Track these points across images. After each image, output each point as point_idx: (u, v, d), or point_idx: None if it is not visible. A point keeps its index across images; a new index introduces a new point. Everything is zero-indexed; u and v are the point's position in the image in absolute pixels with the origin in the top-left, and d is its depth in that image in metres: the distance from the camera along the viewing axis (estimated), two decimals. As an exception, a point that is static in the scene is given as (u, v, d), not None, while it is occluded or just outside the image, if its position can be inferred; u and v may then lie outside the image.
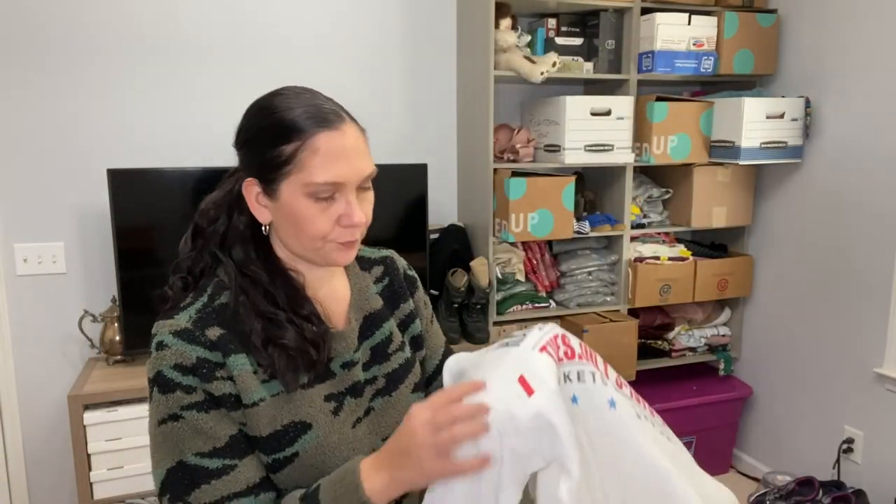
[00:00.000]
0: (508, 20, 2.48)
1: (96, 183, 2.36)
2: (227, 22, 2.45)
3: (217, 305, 0.93)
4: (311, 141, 0.89)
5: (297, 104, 0.92)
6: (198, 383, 0.88)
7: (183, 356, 0.88)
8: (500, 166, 2.53)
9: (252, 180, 0.93)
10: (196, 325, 0.90)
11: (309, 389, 0.94)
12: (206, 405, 0.88)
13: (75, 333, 2.37)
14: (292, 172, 0.89)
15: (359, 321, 1.03)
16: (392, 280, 1.12)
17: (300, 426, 0.92)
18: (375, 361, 1.02)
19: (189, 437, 0.87)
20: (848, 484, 2.48)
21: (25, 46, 2.25)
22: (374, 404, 1.01)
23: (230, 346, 0.90)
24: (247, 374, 0.90)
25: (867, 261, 2.42)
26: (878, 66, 2.34)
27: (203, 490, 0.86)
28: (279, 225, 0.94)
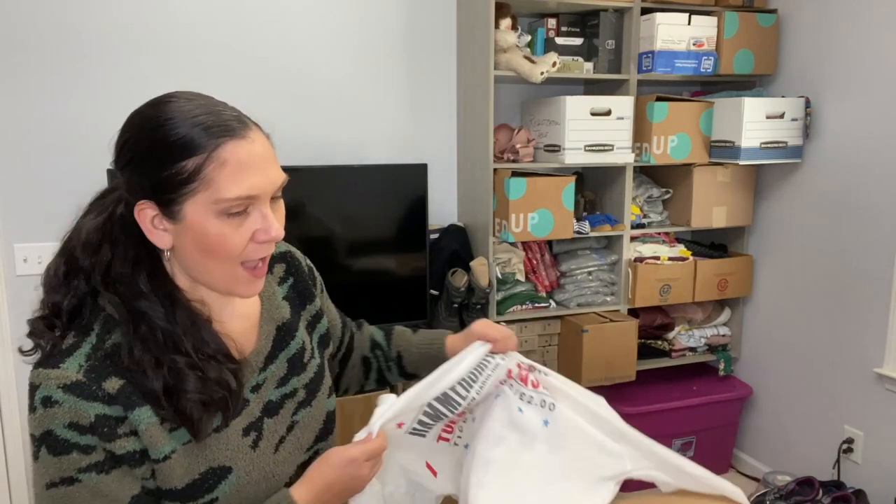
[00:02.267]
0: (508, 20, 2.48)
1: (96, 183, 2.34)
2: (227, 22, 2.45)
3: (109, 347, 0.82)
4: (217, 153, 0.80)
5: (193, 112, 0.83)
6: (97, 443, 0.79)
7: (78, 414, 0.78)
8: (500, 166, 2.53)
9: (145, 203, 0.83)
10: (89, 375, 0.79)
11: (224, 430, 0.87)
12: (106, 465, 0.79)
13: (75, 333, 2.37)
14: (198, 190, 0.80)
15: (272, 333, 0.97)
16: (297, 280, 1.04)
17: (219, 471, 0.86)
18: (293, 373, 0.97)
19: (86, 502, 0.78)
20: (848, 484, 2.48)
21: (25, 46, 2.25)
22: (298, 417, 0.96)
23: (132, 398, 0.80)
24: (153, 427, 0.81)
25: (867, 261, 2.42)
26: (878, 65, 2.34)
27: None
28: (182, 250, 0.84)
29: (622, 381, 2.64)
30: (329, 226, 2.42)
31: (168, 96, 0.86)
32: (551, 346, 2.70)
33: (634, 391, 2.81)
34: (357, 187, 2.43)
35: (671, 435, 2.83)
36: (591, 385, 2.59)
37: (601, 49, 2.61)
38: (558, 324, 2.67)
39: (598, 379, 2.59)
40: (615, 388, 2.82)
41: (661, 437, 2.99)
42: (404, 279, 2.53)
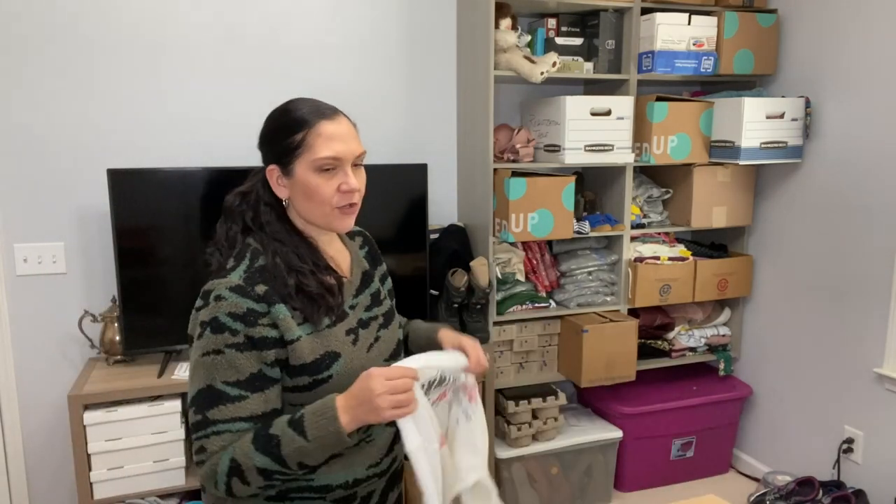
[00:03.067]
0: (508, 20, 2.48)
1: (96, 183, 2.36)
2: (226, 22, 2.45)
3: (258, 267, 1.17)
4: (315, 128, 1.19)
5: (303, 105, 1.22)
6: (242, 328, 1.12)
7: (237, 306, 1.12)
8: (500, 166, 2.53)
9: (273, 167, 1.21)
10: (246, 282, 1.15)
11: (333, 328, 1.21)
12: (243, 347, 1.12)
13: (75, 333, 2.37)
14: (303, 153, 1.18)
15: (359, 275, 1.33)
16: (370, 248, 1.44)
17: (332, 355, 1.19)
18: (374, 305, 1.33)
19: (223, 368, 1.12)
20: (848, 484, 2.48)
21: (25, 47, 2.25)
22: (380, 334, 1.31)
23: (273, 298, 1.15)
24: (287, 319, 1.15)
25: (867, 261, 2.42)
26: (877, 66, 2.34)
27: (218, 409, 1.11)
28: (295, 198, 1.21)
29: (622, 381, 2.64)
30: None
31: (292, 99, 1.26)
32: (551, 346, 2.70)
33: (634, 391, 2.82)
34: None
35: (671, 435, 2.83)
36: (592, 385, 2.60)
37: (601, 49, 2.61)
38: (558, 324, 2.67)
39: (598, 379, 2.59)
40: (615, 388, 2.82)
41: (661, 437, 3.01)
42: (404, 279, 2.53)
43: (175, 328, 2.29)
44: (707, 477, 2.96)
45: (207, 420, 1.12)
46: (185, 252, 2.27)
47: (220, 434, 1.12)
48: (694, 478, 2.94)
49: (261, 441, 1.10)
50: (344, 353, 1.21)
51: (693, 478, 2.94)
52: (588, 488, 2.73)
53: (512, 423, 2.56)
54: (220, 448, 1.11)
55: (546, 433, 2.62)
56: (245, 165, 2.43)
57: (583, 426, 2.74)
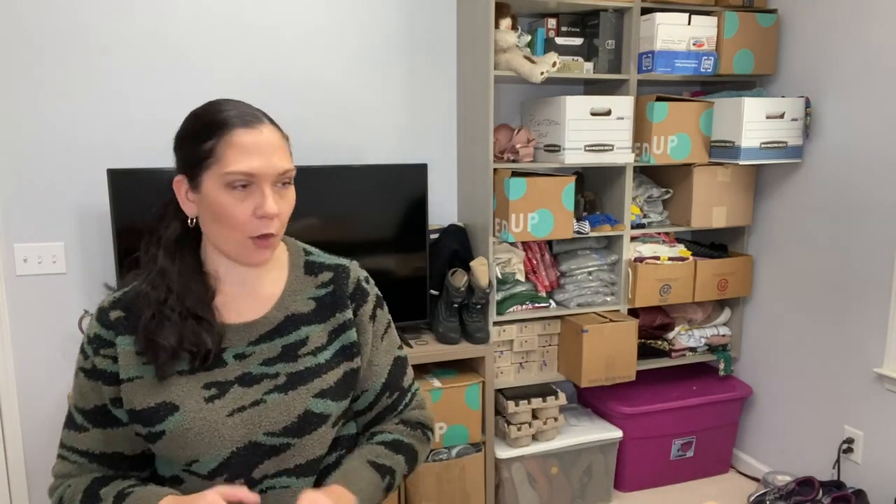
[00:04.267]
0: (508, 20, 2.48)
1: (96, 183, 2.36)
2: (226, 23, 2.45)
3: (132, 289, 1.06)
4: (229, 136, 0.99)
5: (223, 108, 1.04)
6: (91, 354, 1.04)
7: (91, 329, 1.06)
8: (500, 166, 2.53)
9: (181, 178, 1.04)
10: (112, 304, 1.06)
11: (188, 376, 1.03)
12: (89, 374, 1.05)
13: (75, 333, 2.37)
14: (212, 165, 0.99)
15: (277, 319, 1.09)
16: (336, 289, 1.14)
17: (168, 406, 1.01)
18: (282, 359, 1.07)
19: (76, 391, 1.07)
20: (848, 484, 2.48)
21: (25, 46, 2.26)
22: (267, 398, 1.04)
23: (121, 326, 1.03)
24: (129, 353, 1.02)
25: (867, 261, 2.42)
26: (878, 65, 2.34)
27: (67, 432, 1.07)
28: (204, 218, 1.04)
29: (622, 381, 2.64)
30: (329, 226, 2.42)
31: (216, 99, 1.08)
32: (551, 347, 2.70)
33: (634, 391, 2.82)
34: (357, 187, 2.43)
35: (671, 435, 2.83)
36: (592, 385, 2.60)
37: (601, 49, 2.61)
38: (558, 324, 2.67)
39: (598, 379, 2.59)
40: (615, 388, 2.82)
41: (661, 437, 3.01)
42: (404, 279, 2.53)
43: (175, 328, 2.29)
44: (707, 477, 2.97)
45: (61, 440, 1.08)
46: (185, 252, 2.27)
47: (63, 459, 1.06)
48: (694, 478, 2.94)
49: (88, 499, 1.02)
50: (184, 407, 1.00)
51: (693, 478, 2.94)
52: (588, 488, 2.74)
53: (512, 423, 2.56)
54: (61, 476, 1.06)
55: (546, 433, 2.62)
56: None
57: (583, 426, 2.74)
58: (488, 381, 2.50)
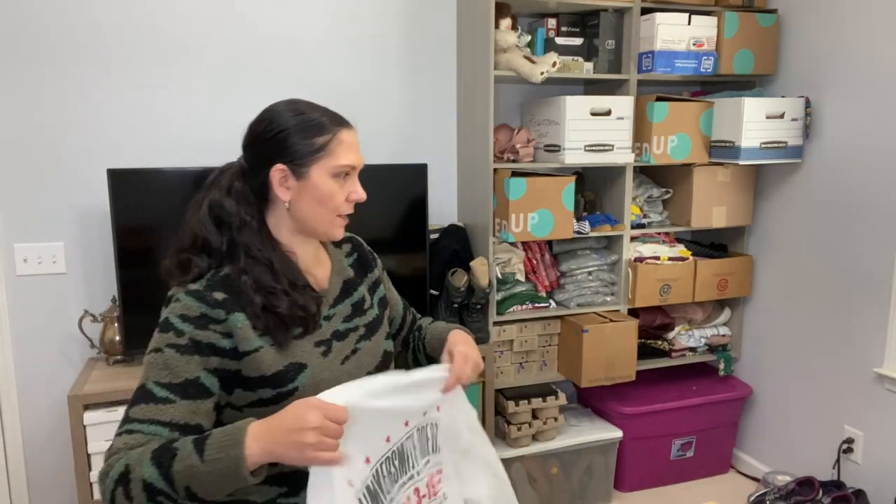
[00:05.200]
0: (508, 20, 2.48)
1: (96, 183, 2.36)
2: (226, 22, 2.45)
3: (222, 276, 1.14)
4: (340, 134, 1.19)
5: (316, 109, 1.22)
6: (190, 330, 1.09)
7: (189, 308, 1.10)
8: (500, 166, 2.53)
9: (282, 167, 1.17)
10: (206, 287, 1.12)
11: (301, 339, 1.17)
12: (184, 349, 1.08)
13: (75, 333, 2.37)
14: (323, 158, 1.17)
15: (339, 284, 1.30)
16: (360, 255, 1.40)
17: (297, 366, 1.15)
18: (356, 315, 1.29)
19: (158, 368, 1.08)
20: (848, 484, 2.48)
21: (25, 46, 2.25)
22: (359, 346, 1.27)
23: (232, 306, 1.11)
24: (246, 329, 1.11)
25: (867, 261, 2.42)
26: (878, 65, 2.34)
27: (140, 408, 1.05)
28: (301, 201, 1.18)
29: (622, 381, 2.64)
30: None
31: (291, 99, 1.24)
32: (551, 346, 2.70)
33: (634, 391, 2.82)
34: (357, 187, 2.43)
35: (671, 435, 2.83)
36: (592, 385, 2.60)
37: (601, 49, 2.61)
38: (558, 324, 2.67)
39: (598, 379, 2.59)
40: (615, 388, 2.82)
41: (661, 437, 3.01)
42: (404, 279, 2.53)
43: (175, 328, 2.29)
44: (707, 477, 2.96)
45: (127, 418, 1.06)
46: (185, 252, 2.27)
47: (131, 433, 1.03)
48: (694, 478, 2.94)
49: (159, 451, 0.99)
50: (311, 364, 1.17)
51: (693, 478, 2.94)
52: (588, 488, 2.74)
53: (512, 423, 2.56)
54: (125, 448, 1.01)
55: (546, 433, 2.62)
56: (245, 165, 2.43)
57: (583, 426, 2.74)
58: (488, 380, 2.50)
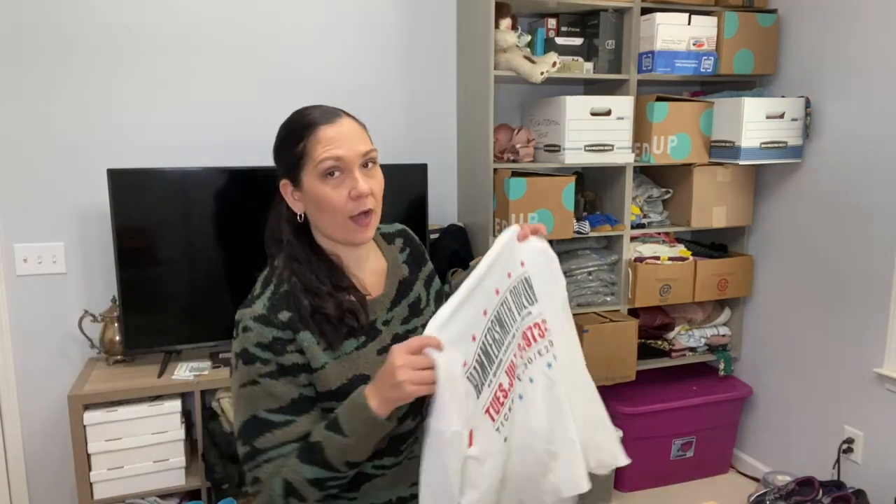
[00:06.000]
0: (508, 20, 2.48)
1: (96, 183, 2.36)
2: (226, 23, 2.45)
3: (282, 293, 1.16)
4: (315, 134, 1.13)
5: (307, 113, 1.17)
6: (272, 357, 1.11)
7: (262, 336, 1.11)
8: (500, 166, 2.53)
9: (285, 181, 1.18)
10: (270, 311, 1.13)
11: (363, 349, 1.18)
12: (276, 374, 1.11)
13: (75, 333, 2.37)
14: (307, 162, 1.14)
15: (395, 286, 1.28)
16: (412, 249, 1.37)
17: (361, 378, 1.15)
18: (413, 315, 1.28)
19: (262, 398, 1.11)
20: (848, 484, 2.48)
21: (25, 47, 2.26)
22: None
23: (298, 325, 1.13)
24: (312, 347, 1.13)
25: (867, 261, 2.42)
26: (878, 65, 2.34)
27: (266, 437, 1.10)
28: (310, 212, 1.18)
29: (622, 381, 2.64)
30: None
31: (296, 109, 1.20)
32: (551, 346, 2.69)
33: (634, 391, 2.81)
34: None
35: (671, 435, 2.83)
36: (591, 385, 2.59)
37: (601, 49, 2.61)
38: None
39: (598, 379, 2.56)
40: (615, 387, 2.82)
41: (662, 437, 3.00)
42: (404, 279, 2.53)
43: (175, 328, 2.29)
44: (707, 477, 2.96)
45: (256, 450, 1.10)
46: (184, 252, 2.27)
47: (271, 461, 1.10)
48: (694, 478, 2.94)
49: (305, 453, 1.08)
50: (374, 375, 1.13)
51: (693, 478, 2.94)
52: (588, 488, 2.73)
53: (512, 423, 2.56)
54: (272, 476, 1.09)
55: (546, 433, 2.61)
56: (245, 165, 2.43)
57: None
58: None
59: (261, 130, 2.52)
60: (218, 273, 2.32)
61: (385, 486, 1.20)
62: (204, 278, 2.30)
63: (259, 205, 2.38)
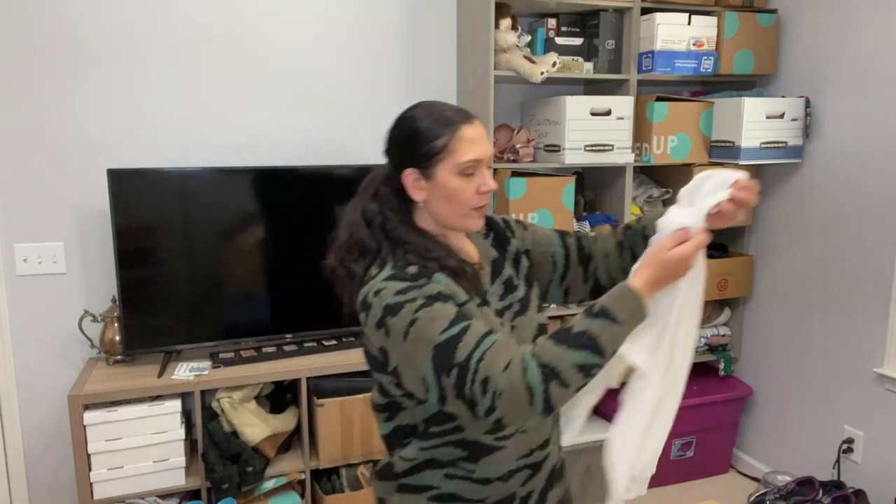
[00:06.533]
0: (508, 20, 2.48)
1: (96, 183, 2.36)
2: (226, 22, 2.45)
3: (400, 265, 1.19)
4: (458, 132, 1.20)
5: (438, 110, 1.24)
6: (416, 294, 1.13)
7: (396, 287, 1.14)
8: (500, 166, 2.53)
9: (411, 171, 1.22)
10: (397, 270, 1.18)
11: (485, 307, 1.24)
12: (427, 303, 1.12)
13: (75, 333, 2.37)
14: (445, 157, 1.20)
15: (489, 266, 1.34)
16: (495, 232, 1.42)
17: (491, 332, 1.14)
18: (508, 292, 1.32)
19: (429, 328, 1.10)
20: (848, 484, 2.48)
21: (25, 46, 2.26)
22: (515, 322, 1.30)
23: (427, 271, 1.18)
24: (451, 283, 1.18)
25: (867, 261, 2.42)
26: (877, 65, 2.34)
27: (459, 349, 1.08)
28: (433, 200, 1.23)
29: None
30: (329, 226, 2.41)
31: (419, 102, 1.29)
32: (551, 346, 2.69)
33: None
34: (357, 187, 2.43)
35: (671, 435, 2.82)
36: (591, 385, 2.59)
37: (601, 49, 2.61)
38: (558, 324, 2.67)
39: (598, 379, 2.59)
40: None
41: (661, 437, 2.94)
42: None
43: (175, 328, 2.29)
44: (707, 477, 2.97)
45: (461, 364, 1.06)
46: (184, 252, 2.27)
47: (482, 360, 1.06)
48: (694, 478, 2.94)
49: (567, 340, 1.10)
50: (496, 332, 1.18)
51: (693, 478, 2.94)
52: (588, 488, 2.73)
53: (512, 423, 2.56)
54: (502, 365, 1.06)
55: (546, 433, 2.61)
56: (245, 165, 2.43)
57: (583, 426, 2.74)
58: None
59: (261, 131, 2.53)
60: (218, 273, 2.32)
61: (503, 458, 1.23)
62: (204, 278, 2.30)
63: (259, 205, 2.39)
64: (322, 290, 1.34)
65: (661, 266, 1.18)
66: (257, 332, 2.40)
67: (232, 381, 2.23)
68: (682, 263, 1.17)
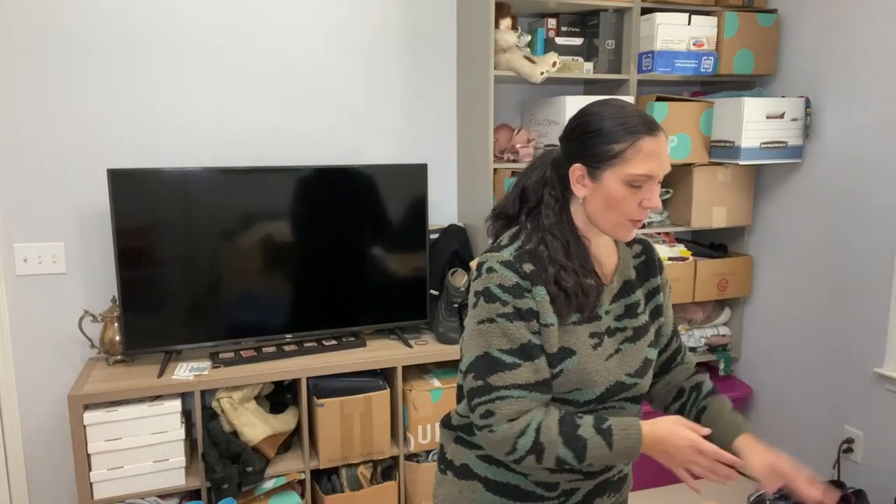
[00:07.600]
0: (508, 20, 2.48)
1: (96, 183, 2.36)
2: (227, 22, 2.45)
3: (528, 249, 1.24)
4: (639, 142, 1.18)
5: (625, 113, 1.21)
6: (510, 299, 1.19)
7: (505, 279, 1.20)
8: (500, 166, 2.53)
9: (579, 166, 1.23)
10: (516, 259, 1.22)
11: (579, 326, 1.24)
12: (512, 316, 1.19)
13: (75, 333, 2.37)
14: (618, 164, 1.18)
15: (620, 283, 1.33)
16: (647, 258, 1.40)
17: (567, 351, 1.23)
18: (627, 316, 1.32)
19: (497, 336, 1.19)
20: (848, 484, 2.48)
21: (25, 46, 2.26)
22: (623, 347, 1.30)
23: (536, 278, 1.21)
24: (545, 302, 1.21)
25: (867, 261, 2.42)
26: (878, 65, 2.34)
27: (498, 375, 1.18)
28: (592, 201, 1.23)
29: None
30: (329, 226, 2.42)
31: (608, 99, 1.24)
32: (551, 346, 2.69)
33: (634, 391, 2.81)
34: (357, 187, 2.43)
35: (671, 435, 2.82)
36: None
37: (601, 49, 2.61)
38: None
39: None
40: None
41: (661, 437, 2.95)
42: (404, 279, 2.53)
43: (175, 328, 2.29)
44: (707, 477, 2.96)
45: (490, 386, 1.18)
46: (184, 252, 2.27)
47: (504, 399, 1.17)
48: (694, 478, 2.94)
49: (567, 436, 1.16)
50: (580, 352, 1.24)
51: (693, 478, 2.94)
52: None
53: (512, 423, 2.56)
54: (513, 415, 1.17)
55: (546, 433, 2.61)
56: (245, 165, 2.43)
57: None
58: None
59: (260, 131, 2.53)
60: (218, 273, 2.32)
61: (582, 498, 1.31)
62: (204, 278, 2.30)
63: (259, 205, 2.39)
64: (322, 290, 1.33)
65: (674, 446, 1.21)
66: (257, 332, 2.40)
67: (232, 381, 2.23)
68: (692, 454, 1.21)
